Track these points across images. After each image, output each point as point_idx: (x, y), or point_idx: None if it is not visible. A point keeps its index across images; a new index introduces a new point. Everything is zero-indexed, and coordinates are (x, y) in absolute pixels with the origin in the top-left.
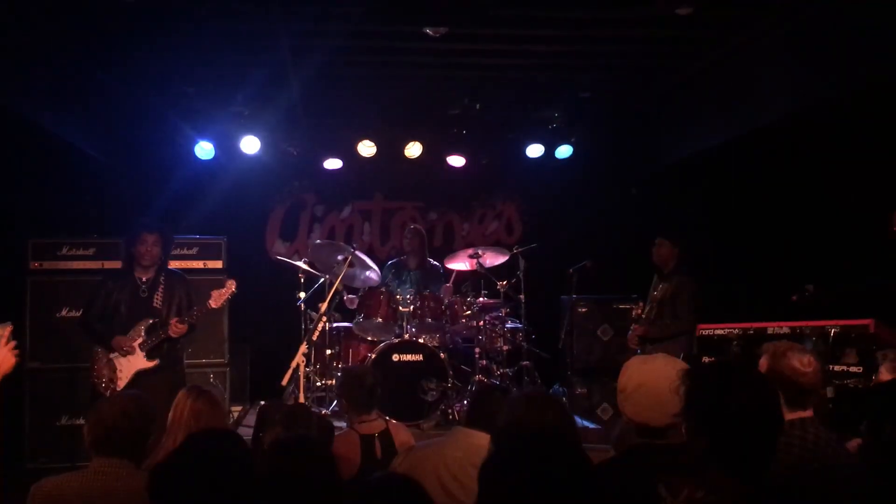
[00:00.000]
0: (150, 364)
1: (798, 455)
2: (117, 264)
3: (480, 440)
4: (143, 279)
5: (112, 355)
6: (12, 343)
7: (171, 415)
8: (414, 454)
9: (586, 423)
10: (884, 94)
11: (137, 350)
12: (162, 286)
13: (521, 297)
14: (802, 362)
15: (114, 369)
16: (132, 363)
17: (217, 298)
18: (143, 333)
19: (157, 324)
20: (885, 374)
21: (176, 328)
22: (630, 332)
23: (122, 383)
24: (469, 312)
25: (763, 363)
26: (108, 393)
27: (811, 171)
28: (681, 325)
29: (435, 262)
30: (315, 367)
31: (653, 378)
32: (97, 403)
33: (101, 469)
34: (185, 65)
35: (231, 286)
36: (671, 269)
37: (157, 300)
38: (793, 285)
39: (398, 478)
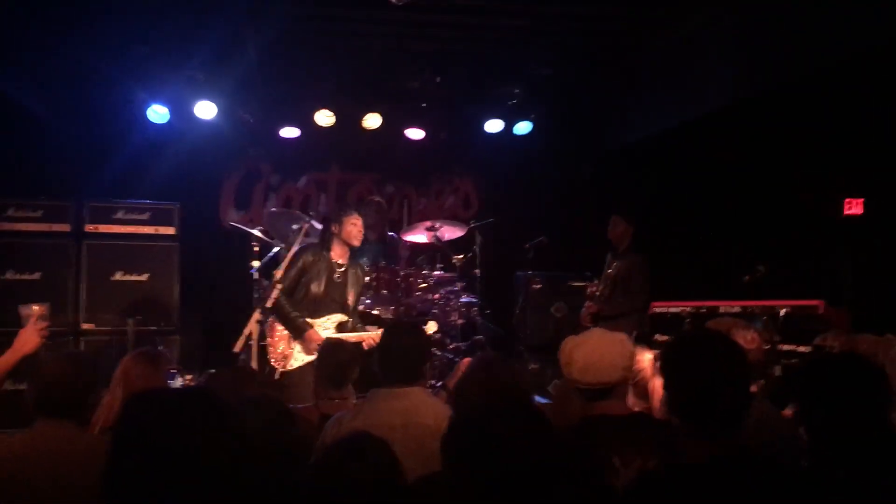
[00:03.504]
0: None
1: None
2: (66, 227)
3: (404, 401)
4: (340, 262)
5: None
6: (43, 324)
7: None
8: (344, 426)
9: (538, 399)
10: (833, 81)
11: None
12: (351, 276)
13: (477, 271)
14: (746, 339)
15: (290, 348)
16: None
17: None
18: (333, 329)
19: (346, 324)
20: None
21: (372, 342)
22: (584, 309)
23: (293, 365)
24: (424, 286)
25: None
26: (277, 366)
27: (765, 154)
28: (634, 303)
29: (394, 235)
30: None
31: (592, 341)
32: (37, 364)
33: (43, 431)
34: (140, 24)
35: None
36: (625, 248)
37: (351, 296)
38: (745, 265)
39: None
